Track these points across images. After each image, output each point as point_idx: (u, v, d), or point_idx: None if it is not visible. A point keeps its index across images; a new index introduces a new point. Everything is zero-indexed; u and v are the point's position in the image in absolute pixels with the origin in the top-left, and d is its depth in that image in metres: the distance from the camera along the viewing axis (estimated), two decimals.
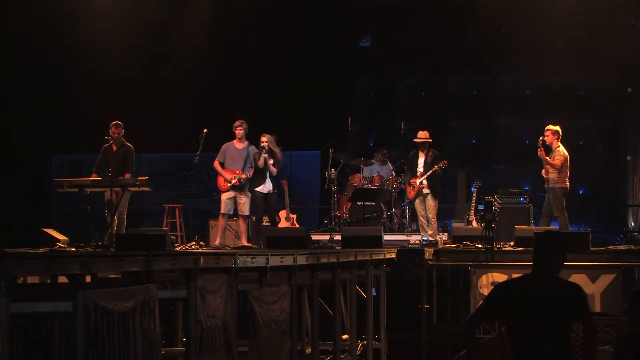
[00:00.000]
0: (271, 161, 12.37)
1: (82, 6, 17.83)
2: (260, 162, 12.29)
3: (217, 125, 12.98)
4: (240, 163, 12.26)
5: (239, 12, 18.27)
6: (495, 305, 5.42)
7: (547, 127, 12.50)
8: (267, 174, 12.42)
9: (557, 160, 12.23)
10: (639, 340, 5.73)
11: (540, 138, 12.42)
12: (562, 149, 12.36)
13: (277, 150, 12.42)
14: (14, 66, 17.55)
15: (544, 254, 5.40)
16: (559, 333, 5.25)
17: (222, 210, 12.32)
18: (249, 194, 12.31)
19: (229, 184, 12.22)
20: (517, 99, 18.70)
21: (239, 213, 12.31)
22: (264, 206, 12.56)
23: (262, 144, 12.31)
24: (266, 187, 12.46)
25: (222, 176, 12.30)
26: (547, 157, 12.27)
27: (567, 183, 12.35)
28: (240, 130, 12.32)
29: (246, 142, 12.40)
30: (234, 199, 12.27)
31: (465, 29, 18.05)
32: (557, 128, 12.46)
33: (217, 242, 12.26)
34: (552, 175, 12.32)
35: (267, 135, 12.40)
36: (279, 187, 13.62)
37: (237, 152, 12.32)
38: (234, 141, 12.41)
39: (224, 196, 12.31)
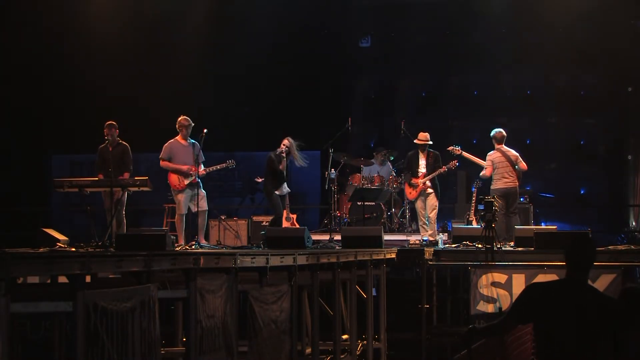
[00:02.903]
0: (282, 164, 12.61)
1: (82, 7, 17.84)
2: (282, 166, 12.43)
3: (217, 125, 12.97)
4: (190, 160, 11.99)
5: (238, 13, 18.28)
6: (525, 307, 5.22)
7: None
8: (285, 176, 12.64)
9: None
10: None
11: (450, 148, 13.14)
12: (491, 152, 12.87)
13: (294, 152, 12.72)
14: (14, 66, 17.55)
15: (579, 260, 5.20)
16: (586, 344, 5.06)
17: (182, 211, 11.94)
18: (204, 191, 12.10)
19: (186, 182, 11.96)
20: (518, 98, 18.69)
21: (199, 209, 11.87)
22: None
23: (282, 147, 12.46)
24: (285, 189, 12.75)
25: (178, 172, 11.96)
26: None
27: (496, 184, 12.76)
28: (183, 127, 12.11)
29: (189, 139, 12.19)
30: (192, 196, 11.96)
31: (466, 28, 18.04)
32: (493, 132, 13.01)
33: (181, 241, 11.77)
34: None
35: (289, 139, 12.66)
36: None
37: (184, 148, 12.09)
38: (177, 138, 12.18)
39: (181, 196, 11.96)
